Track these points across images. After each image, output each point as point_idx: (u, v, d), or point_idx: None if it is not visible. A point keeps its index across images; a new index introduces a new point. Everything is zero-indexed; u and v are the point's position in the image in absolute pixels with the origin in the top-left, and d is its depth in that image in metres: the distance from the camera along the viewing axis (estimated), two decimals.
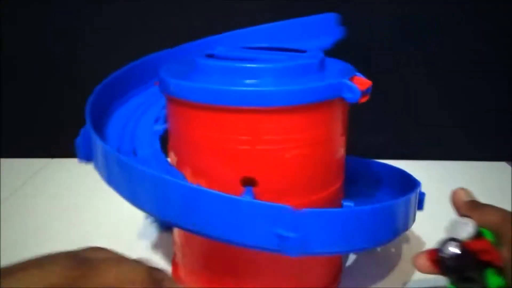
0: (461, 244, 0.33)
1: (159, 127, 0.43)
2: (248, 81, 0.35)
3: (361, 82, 0.37)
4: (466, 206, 0.38)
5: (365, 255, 0.52)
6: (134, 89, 0.49)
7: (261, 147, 0.35)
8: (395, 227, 0.37)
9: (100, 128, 0.43)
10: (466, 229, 0.34)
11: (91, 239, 0.55)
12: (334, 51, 0.73)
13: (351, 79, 0.37)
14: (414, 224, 0.42)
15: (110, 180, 0.37)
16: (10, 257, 0.55)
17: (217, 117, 0.35)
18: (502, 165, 0.79)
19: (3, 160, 0.80)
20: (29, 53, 0.77)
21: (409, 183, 0.42)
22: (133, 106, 0.47)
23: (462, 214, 0.38)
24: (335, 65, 0.41)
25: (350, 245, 0.34)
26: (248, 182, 0.36)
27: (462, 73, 0.76)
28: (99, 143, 0.37)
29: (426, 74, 0.77)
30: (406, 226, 0.39)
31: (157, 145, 0.41)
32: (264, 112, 0.34)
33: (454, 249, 0.33)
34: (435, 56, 0.76)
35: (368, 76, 0.39)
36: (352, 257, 0.51)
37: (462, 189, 0.41)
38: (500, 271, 0.32)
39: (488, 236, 0.34)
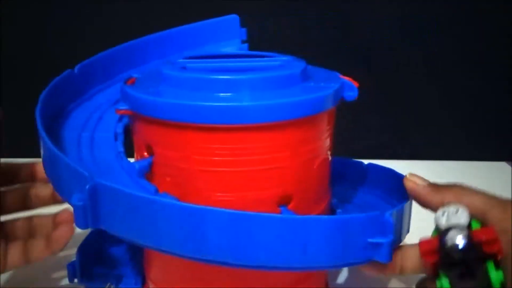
0: (468, 233, 0.28)
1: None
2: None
3: (351, 80, 0.37)
4: (429, 190, 0.33)
5: None
6: (93, 87, 0.45)
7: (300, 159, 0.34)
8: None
9: (53, 131, 0.39)
10: (460, 217, 0.30)
11: None
12: (335, 51, 0.74)
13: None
14: (412, 225, 0.41)
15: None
16: None
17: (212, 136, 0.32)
18: (502, 165, 0.79)
19: (3, 160, 0.80)
20: (29, 53, 0.77)
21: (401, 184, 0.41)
22: (93, 105, 0.43)
23: (424, 202, 0.34)
24: (313, 70, 0.40)
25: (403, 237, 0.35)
26: (285, 200, 0.34)
27: (462, 73, 0.76)
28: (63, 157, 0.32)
29: (426, 74, 0.77)
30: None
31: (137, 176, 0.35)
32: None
33: (461, 239, 0.28)
34: (435, 56, 0.76)
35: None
36: None
37: (412, 174, 0.35)
38: (498, 264, 0.29)
39: (475, 225, 0.30)
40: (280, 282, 0.37)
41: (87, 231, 0.45)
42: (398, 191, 0.40)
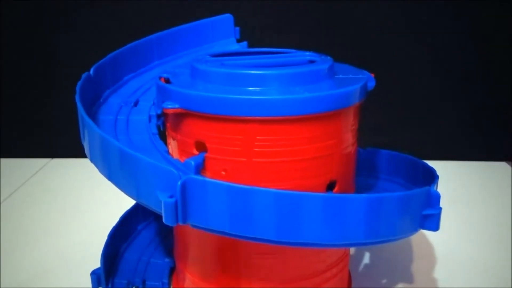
0: None
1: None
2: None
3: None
4: None
5: (374, 257, 0.52)
6: (125, 75, 0.47)
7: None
8: None
9: (92, 117, 0.39)
10: None
11: (91, 238, 0.55)
12: (335, 50, 0.74)
13: None
14: None
15: (112, 175, 0.34)
16: (10, 257, 0.55)
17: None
18: (502, 165, 0.79)
19: (3, 160, 0.80)
20: (29, 54, 0.77)
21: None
22: (126, 92, 0.45)
23: None
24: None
25: None
26: (331, 186, 0.37)
27: (462, 73, 0.76)
28: (98, 132, 0.33)
29: (427, 75, 0.77)
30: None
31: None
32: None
33: None
34: (435, 56, 0.76)
35: None
36: (365, 260, 0.51)
37: None
38: None
39: None
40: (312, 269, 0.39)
41: (101, 238, 0.46)
42: (418, 177, 0.43)
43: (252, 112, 0.33)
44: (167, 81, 0.38)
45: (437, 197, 0.33)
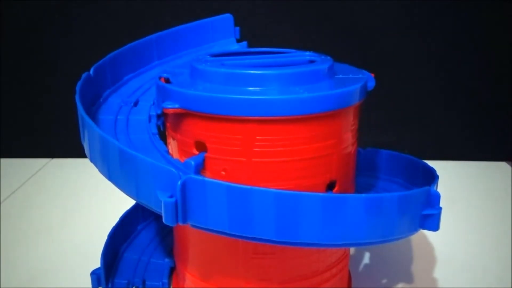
0: None
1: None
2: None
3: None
4: None
5: (374, 257, 0.52)
6: (125, 75, 0.47)
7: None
8: None
9: (92, 117, 0.39)
10: None
11: (91, 238, 0.55)
12: (335, 50, 0.74)
13: None
14: None
15: (112, 175, 0.34)
16: (10, 257, 0.55)
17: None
18: (502, 165, 0.79)
19: (3, 160, 0.80)
20: (29, 54, 0.77)
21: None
22: (126, 92, 0.45)
23: None
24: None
25: None
26: (331, 186, 0.37)
27: (462, 73, 0.76)
28: (98, 131, 0.33)
29: (427, 75, 0.77)
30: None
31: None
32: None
33: None
34: (436, 56, 0.76)
35: None
36: (364, 260, 0.51)
37: None
38: None
39: None
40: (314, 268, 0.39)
41: (102, 238, 0.46)
42: (417, 177, 0.43)
43: (252, 112, 0.33)
44: (167, 81, 0.38)
45: (437, 197, 0.33)
